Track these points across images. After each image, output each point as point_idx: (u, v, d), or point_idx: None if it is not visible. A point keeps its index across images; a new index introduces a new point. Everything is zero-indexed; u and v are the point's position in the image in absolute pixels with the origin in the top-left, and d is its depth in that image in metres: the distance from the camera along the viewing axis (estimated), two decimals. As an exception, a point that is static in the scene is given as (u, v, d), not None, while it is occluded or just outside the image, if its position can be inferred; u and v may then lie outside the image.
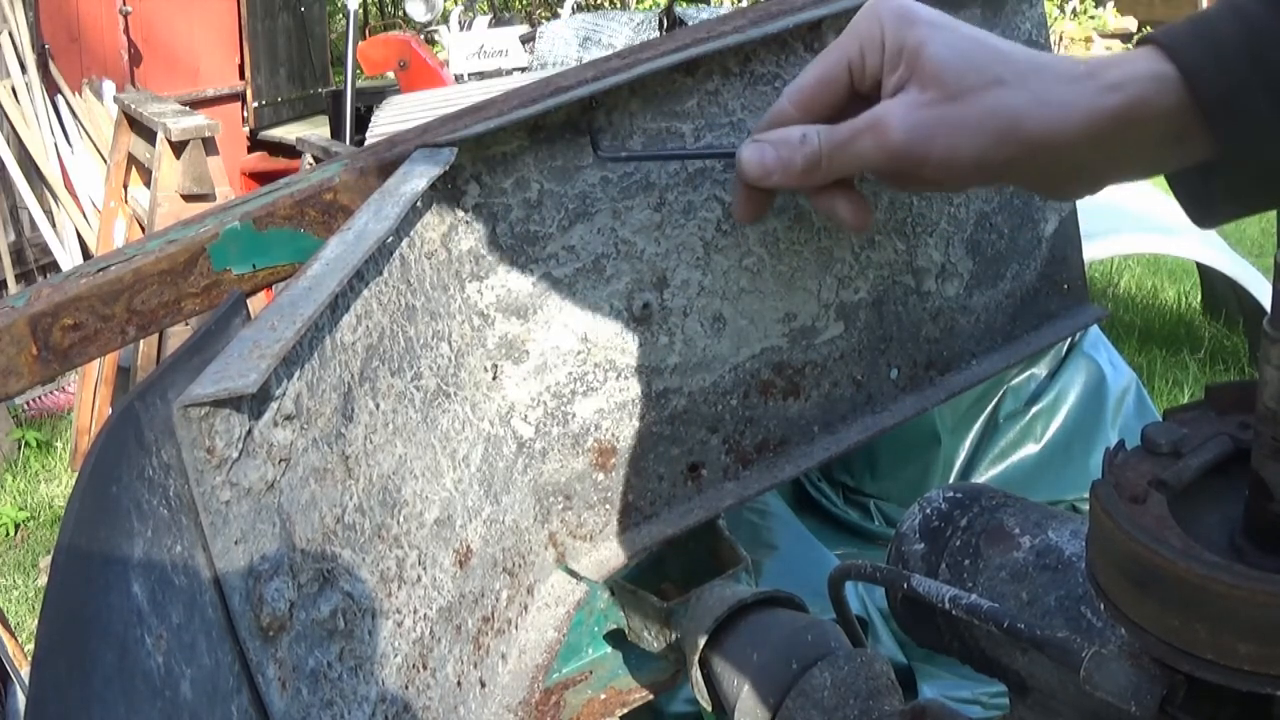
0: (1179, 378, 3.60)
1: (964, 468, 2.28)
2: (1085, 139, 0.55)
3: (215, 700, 0.39)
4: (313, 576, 0.47)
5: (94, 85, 5.58)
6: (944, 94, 0.58)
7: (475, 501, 0.65)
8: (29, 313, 0.61)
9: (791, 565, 1.80)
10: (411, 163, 0.63)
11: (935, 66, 0.58)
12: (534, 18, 12.22)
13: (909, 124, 0.59)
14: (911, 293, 0.82)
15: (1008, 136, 0.57)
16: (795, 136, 0.63)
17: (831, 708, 0.60)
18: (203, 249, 0.64)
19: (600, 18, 6.91)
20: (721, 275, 0.75)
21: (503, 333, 0.69)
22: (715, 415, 0.76)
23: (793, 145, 0.63)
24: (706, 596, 0.69)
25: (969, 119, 0.57)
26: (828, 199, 0.66)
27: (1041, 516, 0.61)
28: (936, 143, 0.58)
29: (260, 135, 7.12)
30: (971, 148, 0.57)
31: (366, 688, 0.50)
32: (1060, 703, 0.55)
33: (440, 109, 2.65)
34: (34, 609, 3.04)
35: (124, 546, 0.36)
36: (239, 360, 0.42)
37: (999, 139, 0.57)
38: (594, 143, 0.69)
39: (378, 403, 0.55)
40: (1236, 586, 0.37)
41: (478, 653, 0.63)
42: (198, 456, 0.41)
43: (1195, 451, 0.43)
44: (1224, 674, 0.38)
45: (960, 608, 0.54)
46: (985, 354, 0.87)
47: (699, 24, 0.74)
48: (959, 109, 0.58)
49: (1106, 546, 0.41)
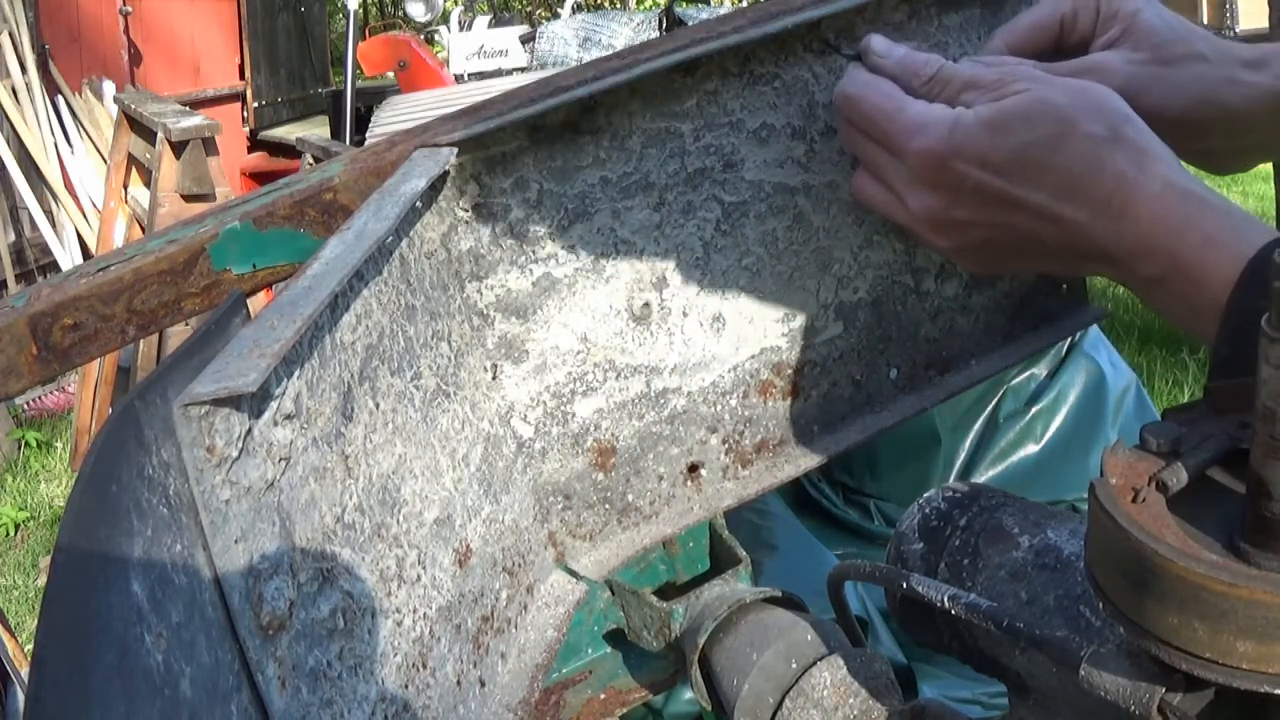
0: (1179, 378, 3.60)
1: (964, 468, 2.28)
2: (1265, 116, 0.65)
3: (215, 699, 0.39)
4: (312, 575, 0.47)
5: (94, 85, 5.58)
6: (1155, 57, 0.67)
7: (475, 501, 0.65)
8: (29, 312, 0.61)
9: (791, 565, 1.80)
10: (411, 163, 0.63)
11: (1149, 32, 0.67)
12: (534, 18, 12.21)
13: (1125, 74, 0.66)
14: (910, 292, 0.82)
15: (1207, 105, 0.66)
16: (1012, 63, 0.69)
17: (831, 707, 0.60)
18: (203, 249, 0.64)
19: (600, 18, 6.91)
20: (721, 275, 0.75)
21: (502, 332, 0.70)
22: (714, 415, 0.76)
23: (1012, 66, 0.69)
24: (706, 596, 0.69)
25: (1177, 82, 0.66)
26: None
27: (1040, 516, 0.61)
28: (1146, 97, 0.65)
29: (260, 135, 7.13)
30: (1176, 108, 0.66)
31: (366, 687, 0.50)
32: (1059, 702, 0.55)
33: (440, 109, 2.64)
34: (34, 609, 3.04)
35: (124, 545, 0.36)
36: (239, 359, 0.42)
37: (1199, 105, 0.66)
38: (836, 47, 0.74)
39: (377, 402, 0.55)
40: (1235, 585, 0.37)
41: (477, 652, 0.63)
42: (198, 455, 0.41)
43: (1194, 451, 0.43)
44: (1222, 673, 0.38)
45: (959, 607, 0.54)
46: (984, 354, 0.87)
47: (698, 24, 0.74)
48: (1169, 72, 0.67)
49: (1105, 546, 0.41)
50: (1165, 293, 0.57)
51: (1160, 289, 0.57)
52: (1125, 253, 0.58)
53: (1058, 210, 0.61)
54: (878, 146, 0.69)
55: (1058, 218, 0.61)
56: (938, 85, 0.66)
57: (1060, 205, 0.61)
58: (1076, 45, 0.71)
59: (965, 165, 0.63)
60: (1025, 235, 0.63)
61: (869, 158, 0.70)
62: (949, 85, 0.66)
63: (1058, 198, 0.61)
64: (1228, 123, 0.66)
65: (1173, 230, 0.56)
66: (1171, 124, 0.65)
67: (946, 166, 0.64)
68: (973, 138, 0.62)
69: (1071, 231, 0.61)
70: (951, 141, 0.63)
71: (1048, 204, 0.61)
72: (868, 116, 0.68)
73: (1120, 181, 0.58)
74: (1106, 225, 0.59)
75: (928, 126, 0.64)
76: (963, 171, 0.63)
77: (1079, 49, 0.71)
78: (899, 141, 0.66)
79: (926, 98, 0.67)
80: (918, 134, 0.65)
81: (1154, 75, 0.67)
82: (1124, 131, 0.59)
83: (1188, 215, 0.56)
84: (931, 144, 0.64)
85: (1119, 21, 0.69)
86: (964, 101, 0.65)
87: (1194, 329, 0.56)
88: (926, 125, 0.64)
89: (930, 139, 0.64)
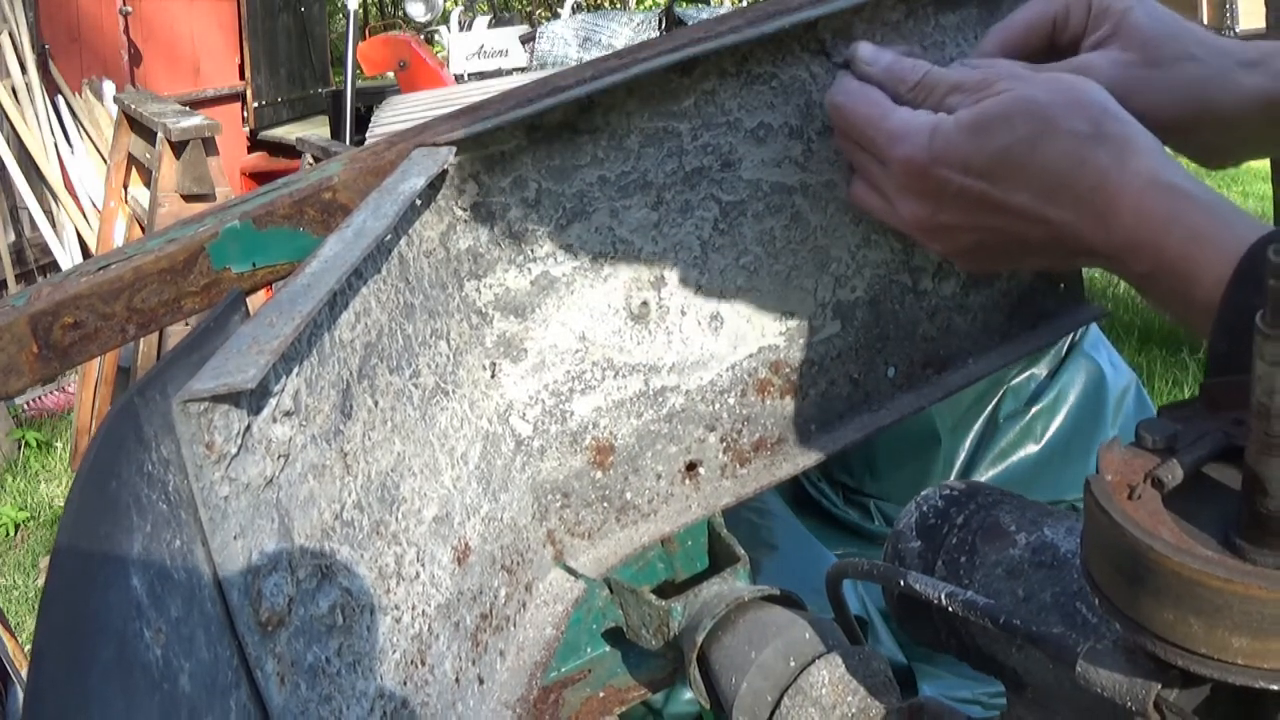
0: (1179, 377, 3.60)
1: (964, 468, 2.28)
2: (1258, 117, 0.64)
3: (214, 694, 0.40)
4: (311, 572, 0.47)
5: (94, 85, 5.58)
6: (1144, 58, 0.65)
7: (473, 499, 0.65)
8: (29, 311, 0.61)
9: (790, 565, 1.80)
10: (410, 162, 0.64)
11: (1139, 32, 0.66)
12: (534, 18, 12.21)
13: (1111, 76, 0.65)
14: (908, 291, 0.82)
15: (1198, 106, 0.64)
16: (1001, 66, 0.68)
17: (829, 705, 0.60)
18: (202, 248, 0.64)
19: (600, 18, 6.92)
20: (719, 274, 0.75)
21: (501, 331, 0.70)
22: (713, 414, 0.76)
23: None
24: (705, 594, 0.69)
25: (1166, 84, 0.65)
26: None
27: (1038, 514, 0.61)
28: (1134, 98, 0.63)
29: (260, 135, 7.13)
30: (1165, 108, 0.65)
31: (365, 683, 0.51)
32: (1056, 699, 0.56)
33: (440, 109, 2.64)
34: (34, 609, 3.04)
35: (123, 541, 0.36)
36: (238, 356, 0.42)
37: (1189, 107, 0.64)
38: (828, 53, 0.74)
39: (376, 400, 0.55)
40: (1230, 581, 0.37)
41: (476, 649, 0.63)
42: (197, 452, 0.41)
43: (1189, 448, 0.43)
44: (1218, 668, 0.38)
45: (956, 604, 0.54)
46: (982, 352, 0.87)
47: (696, 24, 0.75)
48: (1159, 74, 0.65)
49: (1101, 542, 0.42)
50: (1157, 288, 0.57)
51: (1151, 284, 0.57)
52: (1113, 250, 0.58)
53: (1042, 211, 0.61)
54: (867, 154, 0.69)
55: (1043, 218, 0.61)
56: (923, 91, 0.66)
57: (1044, 206, 0.60)
58: (1069, 44, 0.71)
59: (947, 171, 0.63)
60: (1013, 237, 0.63)
61: (861, 165, 0.71)
62: (934, 90, 0.66)
63: (1041, 198, 0.60)
64: (1219, 123, 0.65)
65: (1157, 227, 0.56)
66: (1162, 124, 0.64)
67: (928, 174, 0.64)
68: (953, 143, 0.62)
69: (1058, 231, 0.61)
70: (932, 149, 0.63)
71: (1031, 205, 0.61)
72: (854, 125, 0.68)
73: (1103, 178, 0.58)
74: (1091, 223, 0.58)
75: (909, 135, 0.64)
76: (945, 177, 0.63)
77: (1071, 48, 0.70)
78: (884, 150, 0.66)
79: (913, 104, 0.67)
80: (900, 142, 0.65)
81: (1142, 76, 0.65)
82: (1106, 126, 0.59)
83: (1172, 211, 0.56)
84: (912, 152, 0.64)
85: (1109, 20, 0.68)
86: (949, 106, 0.65)
87: (1186, 323, 0.56)
88: (908, 133, 0.65)
89: (911, 147, 0.64)
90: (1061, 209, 0.60)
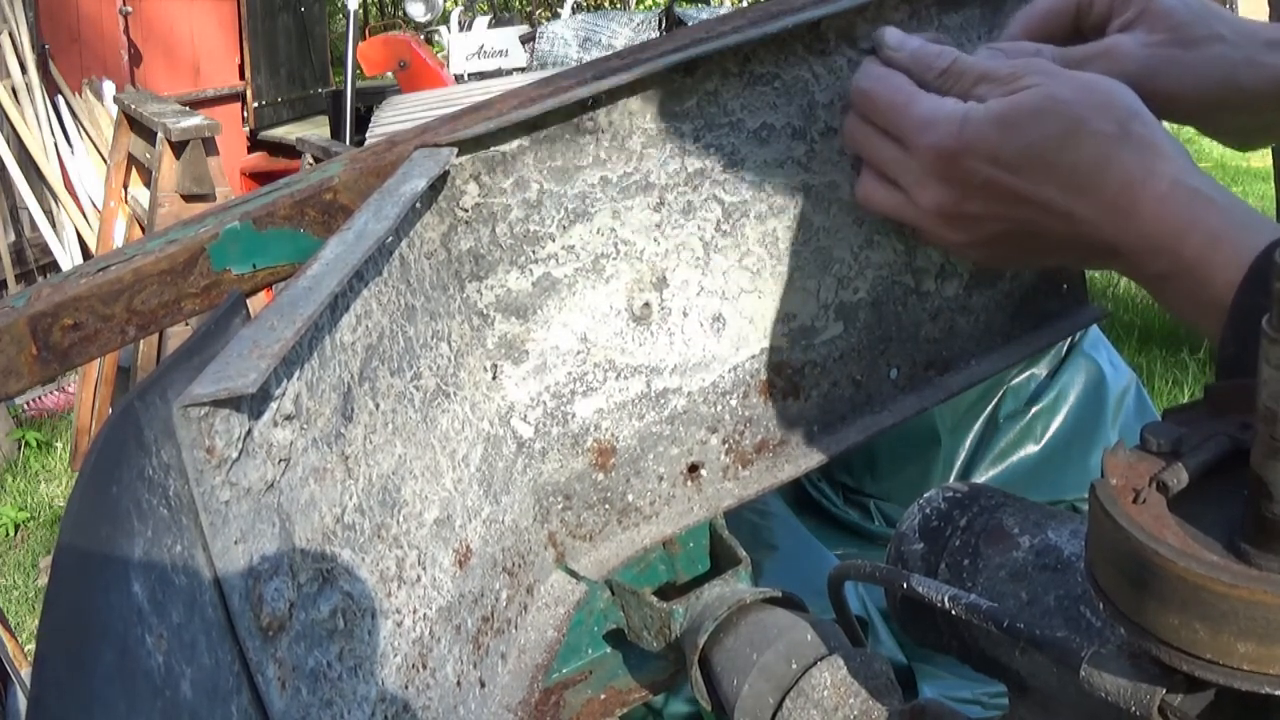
0: (1179, 378, 3.60)
1: (964, 468, 2.28)
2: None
3: (215, 699, 0.39)
4: (312, 576, 0.47)
5: (94, 85, 5.58)
6: (1172, 38, 0.66)
7: (475, 501, 0.65)
8: (29, 313, 0.61)
9: (791, 565, 1.80)
10: (411, 163, 0.63)
11: (1166, 13, 0.66)
12: (534, 18, 12.22)
13: (1140, 58, 0.66)
14: (911, 293, 0.82)
15: (1226, 88, 0.65)
16: (1030, 49, 0.69)
17: (831, 707, 0.60)
18: (202, 249, 0.64)
19: (600, 18, 6.92)
20: (721, 275, 0.75)
21: (502, 333, 0.69)
22: (715, 415, 0.76)
23: (1028, 55, 0.68)
24: (706, 596, 0.69)
25: (1194, 64, 0.65)
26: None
27: (1041, 516, 0.61)
28: (1162, 80, 0.65)
29: (260, 135, 7.13)
30: (1194, 90, 0.65)
31: (366, 687, 0.50)
32: (1059, 703, 0.55)
33: (440, 109, 2.65)
34: (34, 609, 3.04)
35: (124, 546, 0.36)
36: (238, 360, 0.42)
37: (1217, 87, 0.65)
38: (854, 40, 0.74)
39: (377, 403, 0.55)
40: (1236, 586, 0.37)
41: (477, 652, 0.63)
42: (197, 456, 0.41)
43: (1194, 451, 0.43)
44: (1223, 674, 0.38)
45: (959, 607, 0.54)
46: (984, 354, 0.87)
47: (698, 24, 0.74)
48: (1187, 54, 0.65)
49: (1105, 546, 0.41)
50: (1172, 290, 0.57)
51: (1167, 285, 0.57)
52: (1132, 249, 0.58)
53: (1067, 206, 0.61)
54: (889, 141, 0.69)
55: (1067, 213, 0.61)
56: (951, 78, 0.66)
57: (1069, 201, 0.61)
58: (1094, 28, 0.71)
59: (976, 161, 0.63)
60: (1036, 229, 0.64)
61: (878, 154, 0.70)
62: (963, 79, 0.66)
63: (1067, 194, 0.61)
64: (1247, 103, 0.66)
65: (1178, 228, 0.56)
66: (1190, 105, 0.65)
67: (957, 162, 0.64)
68: (983, 134, 0.63)
69: (1080, 227, 0.61)
70: (962, 138, 0.63)
71: (1057, 199, 0.61)
72: (879, 110, 0.68)
73: (1127, 179, 0.58)
74: (1114, 222, 0.59)
75: (938, 122, 0.64)
76: (973, 167, 0.63)
77: (1096, 31, 0.70)
78: (910, 136, 0.66)
79: (940, 91, 0.67)
80: (928, 129, 0.65)
81: (1171, 58, 0.66)
82: (1132, 128, 0.60)
83: (1193, 213, 0.56)
84: (942, 139, 0.64)
85: (1135, 3, 0.68)
86: (977, 95, 0.65)
87: (1200, 326, 0.57)
88: (937, 120, 0.64)
89: (941, 134, 0.64)
90: (1086, 205, 0.60)
